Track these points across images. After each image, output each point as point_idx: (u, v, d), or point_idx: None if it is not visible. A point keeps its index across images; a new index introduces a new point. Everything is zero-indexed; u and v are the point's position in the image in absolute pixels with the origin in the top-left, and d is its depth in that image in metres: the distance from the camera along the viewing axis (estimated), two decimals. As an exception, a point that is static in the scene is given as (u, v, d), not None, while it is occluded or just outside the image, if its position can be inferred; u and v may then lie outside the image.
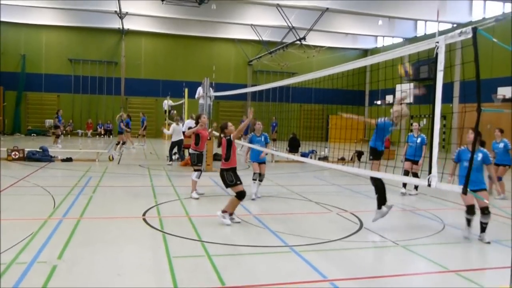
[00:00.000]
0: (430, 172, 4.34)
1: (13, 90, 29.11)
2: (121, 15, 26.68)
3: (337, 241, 6.62)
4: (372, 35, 31.95)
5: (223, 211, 7.32)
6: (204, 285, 4.82)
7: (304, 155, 15.43)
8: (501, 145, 10.76)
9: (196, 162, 9.83)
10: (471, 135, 6.90)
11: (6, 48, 29.03)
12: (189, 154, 10.24)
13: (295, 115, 29.95)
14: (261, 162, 9.97)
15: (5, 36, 29.08)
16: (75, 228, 6.77)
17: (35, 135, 27.85)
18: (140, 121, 23.75)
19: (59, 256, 5.50)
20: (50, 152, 15.55)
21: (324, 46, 29.75)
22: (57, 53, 29.98)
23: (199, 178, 9.70)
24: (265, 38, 29.34)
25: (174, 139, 15.40)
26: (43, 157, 14.89)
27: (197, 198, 9.43)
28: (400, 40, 30.49)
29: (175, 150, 16.05)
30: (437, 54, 4.17)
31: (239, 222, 7.45)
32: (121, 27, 28.90)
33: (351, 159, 16.59)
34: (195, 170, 9.72)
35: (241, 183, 7.33)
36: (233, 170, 7.40)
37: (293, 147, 17.88)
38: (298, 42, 25.55)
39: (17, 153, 14.86)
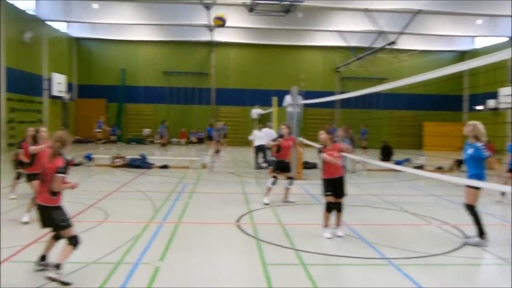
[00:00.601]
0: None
1: (114, 102, 31.49)
2: (211, 28, 27.74)
3: (439, 255, 6.21)
4: (469, 35, 29.89)
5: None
6: (299, 294, 4.77)
7: (398, 163, 14.78)
8: None
9: (275, 169, 9.90)
10: None
11: (108, 64, 31.54)
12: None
13: (385, 122, 28.89)
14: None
15: (107, 53, 31.63)
16: (174, 232, 7.07)
17: (134, 143, 29.79)
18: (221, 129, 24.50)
19: (160, 258, 5.77)
20: (149, 159, 16.52)
21: (416, 50, 28.42)
22: (152, 66, 31.91)
23: (273, 184, 9.70)
24: (353, 44, 28.76)
25: (256, 144, 15.91)
26: (142, 164, 15.86)
27: (267, 204, 9.45)
28: (505, 39, 28.00)
29: (267, 157, 16.26)
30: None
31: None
32: (210, 39, 30.04)
33: (450, 168, 15.58)
34: (272, 177, 9.79)
35: (330, 194, 7.03)
36: (330, 181, 7.07)
37: (386, 155, 17.22)
38: (388, 46, 24.69)
39: (119, 160, 15.98)
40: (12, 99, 22.01)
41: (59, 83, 26.52)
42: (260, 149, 16.07)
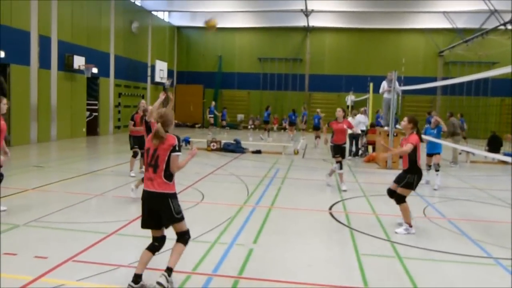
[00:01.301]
0: None
1: (211, 88, 32.65)
2: (306, 13, 27.43)
3: (556, 258, 5.57)
4: None
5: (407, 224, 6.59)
6: (396, 286, 4.57)
7: (507, 155, 13.51)
8: None
9: (334, 154, 9.87)
10: None
11: (206, 51, 32.71)
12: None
13: (494, 111, 26.54)
14: (435, 153, 10.36)
15: (205, 40, 32.77)
16: (267, 216, 7.16)
17: (229, 128, 30.69)
18: (302, 115, 24.12)
19: (254, 240, 5.88)
20: (242, 144, 16.91)
21: (534, 30, 25.59)
22: (248, 53, 32.47)
23: (340, 169, 9.73)
24: (459, 26, 26.66)
25: (349, 132, 15.40)
26: (236, 148, 16.29)
27: (345, 190, 9.45)
28: None
29: (359, 145, 15.86)
30: None
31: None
32: (306, 24, 29.74)
33: None
34: (336, 162, 9.81)
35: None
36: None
37: (494, 146, 15.81)
38: (502, 27, 22.48)
39: (215, 144, 16.56)
40: (119, 85, 23.79)
41: (161, 70, 28.10)
42: (353, 137, 15.73)
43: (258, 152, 16.18)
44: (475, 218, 7.75)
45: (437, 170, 10.13)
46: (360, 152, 16.20)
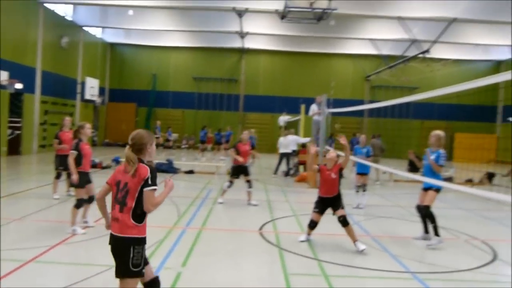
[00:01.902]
0: None
1: (144, 106, 32.06)
2: (242, 35, 27.93)
3: (466, 271, 6.02)
4: (507, 45, 29.03)
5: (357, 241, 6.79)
6: (321, 307, 4.70)
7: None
8: None
9: (232, 174, 10.34)
10: None
11: (140, 69, 32.19)
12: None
13: (415, 133, 28.32)
14: (364, 173, 10.65)
15: (140, 58, 32.29)
16: (197, 238, 7.10)
17: (162, 147, 30.18)
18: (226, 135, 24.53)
19: (183, 263, 5.80)
20: (175, 164, 16.69)
21: (450, 59, 27.79)
22: (183, 72, 32.35)
23: (229, 187, 10.30)
24: (384, 52, 28.40)
25: (280, 151, 16.44)
26: (169, 168, 16.04)
27: (221, 203, 10.09)
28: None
29: (290, 165, 16.29)
30: None
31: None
32: (241, 46, 30.25)
33: (480, 181, 15.13)
34: (229, 181, 10.36)
35: (317, 211, 7.15)
36: (323, 199, 7.14)
37: (414, 166, 16.85)
38: (421, 55, 24.24)
39: (147, 164, 16.17)
40: (46, 101, 22.69)
41: (91, 87, 27.19)
42: (284, 156, 16.23)
43: (191, 172, 16.06)
44: (396, 234, 8.18)
45: (364, 190, 10.55)
46: (291, 171, 16.58)
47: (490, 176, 14.79)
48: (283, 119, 23.26)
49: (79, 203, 7.08)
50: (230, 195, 11.41)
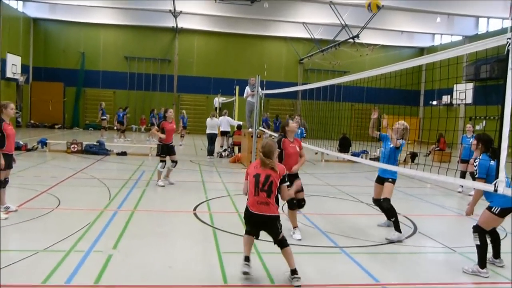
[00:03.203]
0: (497, 177, 4.09)
1: (73, 86, 30.51)
2: (175, 14, 27.25)
3: (389, 244, 6.42)
4: (429, 32, 30.83)
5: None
6: (254, 283, 4.81)
7: (355, 155, 15.13)
8: None
9: (161, 152, 10.23)
10: None
11: (67, 46, 30.49)
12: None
13: (346, 114, 29.36)
14: None
15: (66, 35, 30.54)
16: (129, 220, 6.96)
17: (92, 129, 29.03)
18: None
19: (114, 246, 5.68)
20: (106, 146, 16.15)
21: (378, 44, 28.95)
22: (114, 51, 31.09)
23: (162, 168, 10.19)
24: (317, 36, 29.00)
25: (207, 132, 16.39)
26: (100, 150, 15.48)
27: (162, 186, 9.95)
28: (459, 38, 29.22)
29: (225, 146, 16.35)
30: (508, 51, 3.91)
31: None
32: (175, 25, 29.55)
33: (404, 160, 16.08)
34: (161, 161, 10.26)
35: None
36: (289, 176, 6.74)
37: (344, 146, 17.57)
38: (351, 40, 25.05)
39: (76, 146, 15.54)
40: (-39, 79, 20.94)
41: (13, 65, 25.42)
42: (210, 136, 16.15)
43: (124, 154, 15.62)
44: (326, 212, 8.51)
45: None
46: (226, 152, 16.66)
47: (413, 156, 15.74)
48: (218, 100, 23.21)
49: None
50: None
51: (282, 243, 4.88)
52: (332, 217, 8.08)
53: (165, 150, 10.19)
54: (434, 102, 30.12)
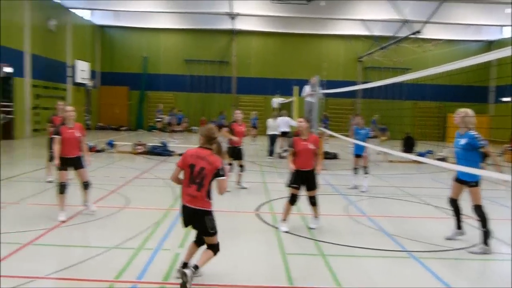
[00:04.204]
0: None
1: (136, 89, 31.77)
2: (232, 16, 27.64)
3: (461, 250, 6.10)
4: (497, 25, 29.06)
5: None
6: (319, 285, 4.74)
7: (420, 155, 14.57)
8: None
9: (229, 156, 9.89)
10: None
11: (131, 51, 31.78)
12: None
13: (408, 113, 28.42)
14: (361, 155, 10.32)
15: (130, 40, 31.85)
16: (194, 220, 7.10)
17: (155, 131, 30.03)
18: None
19: (180, 244, 5.82)
20: (169, 147, 16.64)
21: (441, 39, 27.76)
22: (174, 54, 32.00)
23: (229, 171, 9.88)
24: (376, 33, 28.27)
25: (268, 133, 16.48)
26: (163, 151, 15.99)
27: (228, 191, 9.65)
28: (533, 29, 27.32)
29: (285, 147, 16.31)
30: None
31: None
32: (232, 27, 29.95)
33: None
34: (228, 164, 9.93)
35: (295, 186, 6.71)
36: (299, 173, 6.67)
37: (408, 146, 16.96)
38: (412, 36, 24.17)
39: (141, 147, 16.15)
40: (37, 85, 22.40)
41: (82, 70, 26.87)
42: (271, 137, 16.17)
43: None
44: (392, 214, 8.24)
45: (366, 173, 10.32)
46: (286, 153, 16.61)
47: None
48: (277, 101, 23.21)
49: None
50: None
51: (212, 246, 4.61)
52: (398, 220, 7.82)
53: (233, 154, 9.92)
54: (506, 99, 28.35)
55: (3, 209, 7.37)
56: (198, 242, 4.75)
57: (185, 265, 4.62)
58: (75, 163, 7.01)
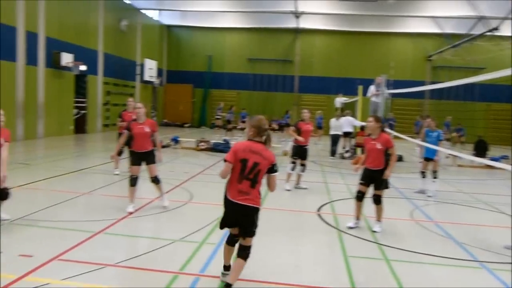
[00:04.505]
0: None
1: (200, 87, 32.56)
2: (297, 15, 27.52)
3: (540, 262, 5.65)
4: None
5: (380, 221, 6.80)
6: (383, 289, 4.60)
7: (493, 160, 13.70)
8: None
9: (293, 154, 9.94)
10: None
11: (196, 50, 32.61)
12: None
13: (481, 116, 26.85)
14: (432, 159, 9.91)
15: (195, 40, 32.68)
16: (255, 217, 7.14)
17: (216, 128, 30.60)
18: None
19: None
20: (231, 144, 16.88)
21: (521, 37, 25.96)
22: (237, 53, 32.43)
23: (292, 170, 9.84)
24: (447, 31, 26.96)
25: (331, 133, 16.26)
26: (225, 148, 16.22)
27: (289, 190, 9.58)
28: None
29: (347, 147, 16.06)
30: None
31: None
32: (296, 26, 29.83)
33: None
34: (291, 162, 9.97)
35: (362, 183, 6.80)
36: (367, 171, 6.76)
37: (480, 150, 16.01)
38: (489, 33, 22.79)
39: (204, 144, 16.52)
40: (107, 83, 23.59)
41: (150, 69, 27.93)
42: (333, 138, 15.92)
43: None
44: (461, 221, 7.82)
45: (435, 177, 9.94)
46: (349, 154, 16.32)
47: None
48: (340, 100, 22.85)
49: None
50: (285, 176, 11.20)
51: (247, 248, 4.30)
52: (469, 228, 7.40)
53: (298, 152, 9.85)
54: None
55: (76, 198, 7.83)
56: (231, 242, 4.46)
57: (227, 268, 4.48)
58: (146, 157, 7.19)
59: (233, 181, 4.21)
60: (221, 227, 4.44)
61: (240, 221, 4.27)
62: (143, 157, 7.18)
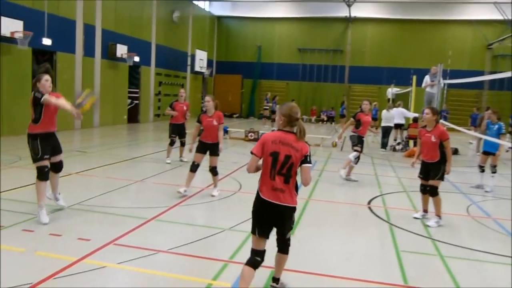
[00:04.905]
0: None
1: (249, 78, 32.67)
2: (349, 3, 26.91)
3: None
4: None
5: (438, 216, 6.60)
6: (437, 286, 4.44)
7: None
8: None
9: (357, 143, 9.64)
10: None
11: (245, 41, 32.70)
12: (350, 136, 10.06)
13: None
14: (492, 153, 9.41)
15: (245, 30, 32.76)
16: (304, 209, 7.11)
17: (263, 119, 30.63)
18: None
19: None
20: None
21: None
22: (287, 43, 32.21)
23: (355, 159, 9.56)
24: (510, 17, 25.43)
25: (382, 124, 15.81)
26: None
27: (343, 178, 9.46)
28: None
29: (399, 139, 15.62)
30: None
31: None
32: (348, 15, 29.20)
33: None
34: (355, 151, 9.60)
35: (421, 177, 6.77)
36: (423, 164, 6.78)
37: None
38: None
39: (252, 134, 16.59)
40: (159, 73, 24.17)
41: (201, 59, 28.35)
42: (388, 130, 15.48)
43: (316, 144, 16.08)
44: (522, 218, 7.41)
45: (494, 172, 9.46)
46: (400, 146, 15.87)
47: None
48: (391, 91, 22.20)
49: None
50: (336, 167, 11.06)
51: (287, 245, 4.04)
52: (531, 225, 6.99)
53: (361, 141, 9.72)
54: None
55: (129, 186, 8.11)
56: (254, 263, 3.97)
57: (276, 280, 4.16)
58: (211, 148, 7.56)
59: (265, 177, 3.80)
60: (253, 231, 3.92)
61: (275, 222, 3.89)
62: (209, 147, 7.54)
